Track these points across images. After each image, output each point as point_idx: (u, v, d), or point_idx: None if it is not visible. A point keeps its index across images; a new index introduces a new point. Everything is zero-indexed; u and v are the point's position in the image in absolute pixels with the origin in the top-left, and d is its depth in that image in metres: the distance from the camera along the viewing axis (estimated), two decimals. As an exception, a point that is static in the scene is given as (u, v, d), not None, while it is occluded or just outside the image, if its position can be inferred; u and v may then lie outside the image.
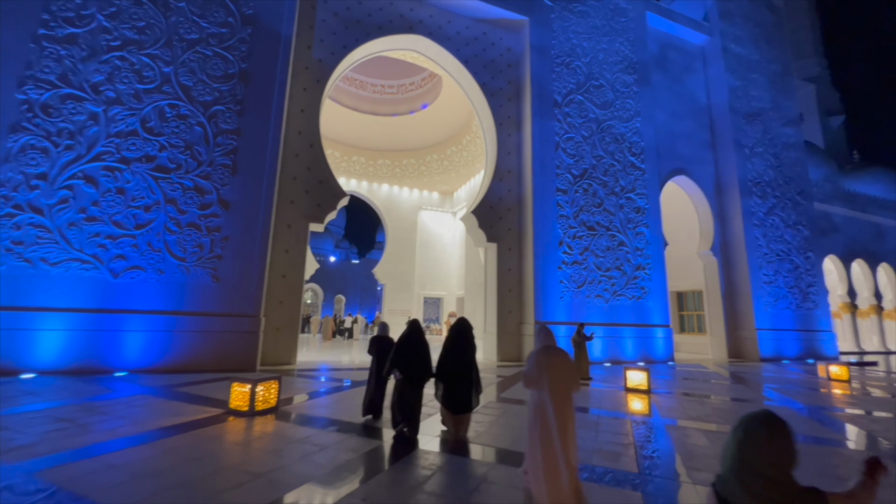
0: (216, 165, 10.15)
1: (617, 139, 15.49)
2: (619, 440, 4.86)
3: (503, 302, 13.47)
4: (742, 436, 1.33)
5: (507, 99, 14.98)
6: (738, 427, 1.37)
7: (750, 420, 1.35)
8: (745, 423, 1.36)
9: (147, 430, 4.66)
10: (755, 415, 1.37)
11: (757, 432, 1.31)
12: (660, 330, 14.59)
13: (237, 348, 9.65)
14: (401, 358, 4.92)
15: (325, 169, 11.94)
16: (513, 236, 14.04)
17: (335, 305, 40.41)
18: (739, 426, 1.37)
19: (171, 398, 6.37)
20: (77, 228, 8.88)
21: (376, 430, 5.03)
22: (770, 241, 17.76)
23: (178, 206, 9.69)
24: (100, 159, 9.23)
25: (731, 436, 1.37)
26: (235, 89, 10.64)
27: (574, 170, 14.45)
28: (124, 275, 9.10)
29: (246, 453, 4.01)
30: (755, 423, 1.33)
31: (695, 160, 18.17)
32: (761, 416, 1.35)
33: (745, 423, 1.36)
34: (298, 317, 11.14)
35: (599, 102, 15.49)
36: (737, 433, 1.36)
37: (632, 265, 14.67)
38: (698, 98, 19.16)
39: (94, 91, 9.42)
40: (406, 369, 4.85)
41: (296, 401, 6.48)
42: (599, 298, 13.93)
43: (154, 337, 9.08)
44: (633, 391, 8.12)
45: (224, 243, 9.93)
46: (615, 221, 14.73)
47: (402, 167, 27.32)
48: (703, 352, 18.28)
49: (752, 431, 1.32)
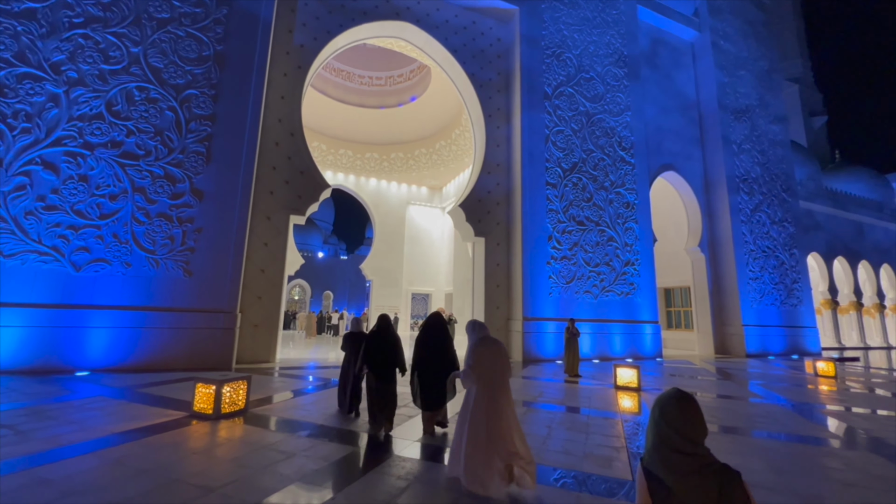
0: (189, 153, 9.59)
1: (607, 133, 15.29)
2: (611, 443, 4.58)
3: (491, 298, 13.18)
4: (657, 413, 1.44)
5: (497, 90, 14.63)
6: (655, 406, 1.48)
7: (664, 399, 1.47)
8: (660, 402, 1.47)
9: (96, 436, 4.21)
10: (668, 393, 1.48)
11: (668, 407, 1.42)
12: (648, 326, 14.49)
13: (211, 346, 9.16)
14: (369, 354, 4.86)
15: (306, 159, 11.44)
16: (501, 231, 13.74)
17: (323, 302, 39.80)
18: (656, 405, 1.47)
19: (131, 400, 5.90)
20: (34, 218, 8.27)
21: (351, 434, 4.66)
22: (756, 238, 17.82)
23: (146, 196, 9.13)
24: (60, 144, 8.61)
25: (650, 415, 1.48)
26: (210, 73, 10.07)
27: (564, 163, 14.19)
28: (87, 268, 8.52)
29: (202, 463, 3.61)
30: (667, 400, 1.45)
31: (683, 156, 18.11)
32: (672, 393, 1.47)
33: (659, 401, 1.47)
34: (278, 313, 10.67)
35: (590, 95, 15.25)
36: (654, 412, 1.47)
37: (621, 261, 14.52)
38: (687, 94, 19.08)
39: (55, 71, 8.77)
40: (374, 365, 4.80)
41: (268, 402, 6.07)
42: (588, 294, 13.74)
43: (120, 334, 8.53)
44: (623, 389, 7.90)
45: (197, 235, 9.40)
46: (605, 216, 14.55)
47: (390, 161, 26.80)
48: (689, 348, 18.32)
49: (665, 408, 1.43)
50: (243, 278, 10.04)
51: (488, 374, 3.22)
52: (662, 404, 1.44)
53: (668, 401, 1.43)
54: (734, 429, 5.43)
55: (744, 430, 5.36)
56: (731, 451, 4.43)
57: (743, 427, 5.54)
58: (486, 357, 3.28)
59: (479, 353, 3.29)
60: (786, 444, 4.87)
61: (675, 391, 1.46)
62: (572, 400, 6.96)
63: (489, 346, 3.34)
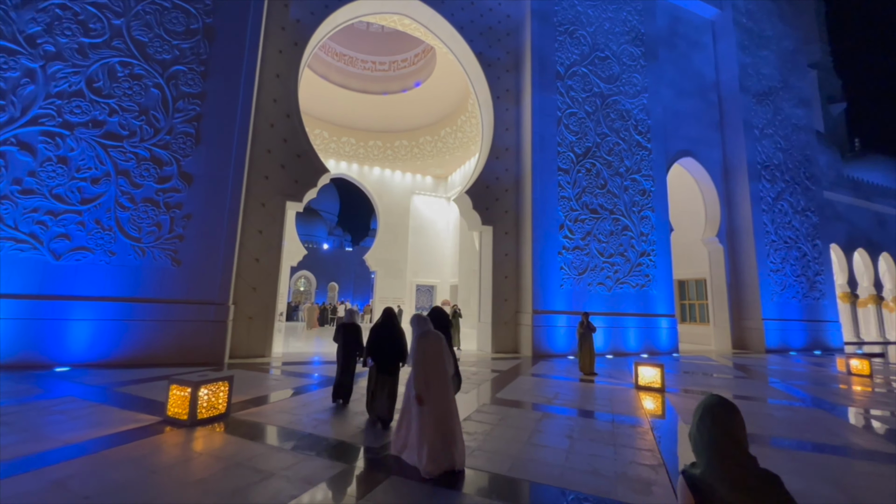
0: (176, 133, 8.94)
1: (622, 116, 14.42)
2: (645, 459, 3.93)
3: (499, 289, 12.51)
4: (710, 422, 1.37)
5: (506, 70, 13.79)
6: (705, 414, 1.39)
7: (713, 405, 1.39)
8: (710, 409, 1.39)
9: (46, 448, 3.64)
10: (714, 399, 1.41)
11: (722, 415, 1.36)
12: (664, 320, 13.77)
13: (201, 339, 8.61)
14: (373, 345, 4.89)
15: (304, 142, 10.76)
16: (510, 219, 13.01)
17: (328, 293, 39.57)
18: (706, 413, 1.39)
19: (104, 401, 5.34)
20: (10, 203, 7.69)
21: (343, 447, 4.05)
22: (778, 228, 16.93)
23: (131, 179, 8.51)
24: (37, 123, 8.00)
25: (698, 422, 1.40)
26: (199, 47, 9.38)
27: (577, 147, 13.38)
28: (68, 256, 7.96)
29: (159, 486, 3.01)
30: (718, 406, 1.38)
31: (702, 141, 17.17)
32: (720, 399, 1.41)
33: (710, 409, 1.39)
34: (274, 304, 10.08)
35: (605, 76, 14.35)
36: (703, 420, 1.39)
37: (636, 251, 13.76)
38: (706, 76, 18.06)
39: (30, 44, 8.12)
40: (378, 357, 4.84)
41: (254, 404, 5.47)
42: (601, 286, 13.02)
43: (104, 327, 7.99)
44: (645, 389, 7.23)
45: (186, 222, 8.80)
46: (619, 204, 13.76)
47: (394, 149, 26.04)
48: (704, 342, 17.57)
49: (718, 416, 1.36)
50: (236, 268, 9.46)
51: (431, 366, 3.56)
52: (713, 411, 1.38)
53: (720, 408, 1.38)
54: (782, 438, 4.76)
55: (793, 441, 4.69)
56: (790, 468, 3.75)
57: (791, 436, 4.86)
58: (429, 350, 3.62)
59: (421, 346, 3.63)
60: (847, 459, 4.19)
61: (720, 398, 1.42)
62: (592, 403, 6.31)
63: (430, 340, 3.70)
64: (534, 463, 3.70)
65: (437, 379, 3.51)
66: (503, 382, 7.66)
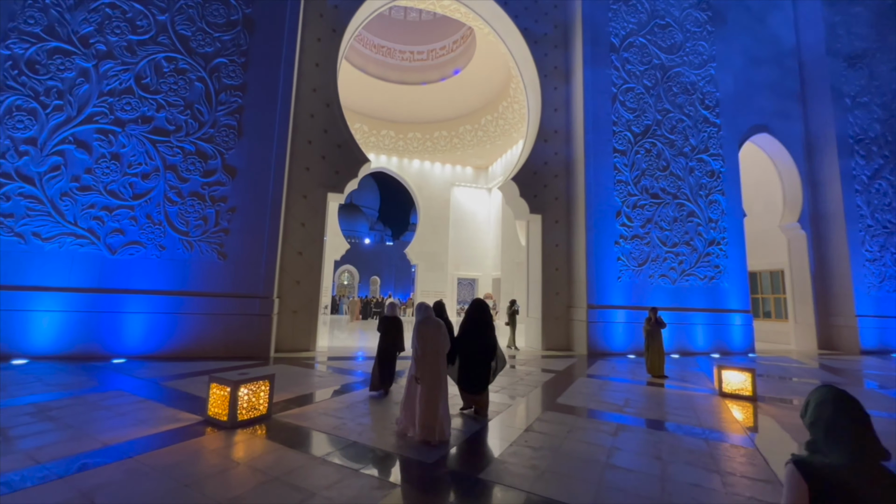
0: (219, 126, 8.90)
1: (686, 89, 12.95)
2: (765, 494, 3.11)
3: (549, 282, 11.66)
4: (858, 414, 1.25)
5: (553, 46, 12.77)
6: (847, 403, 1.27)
7: (846, 397, 1.28)
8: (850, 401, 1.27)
9: (84, 450, 3.43)
10: (831, 389, 1.32)
11: (846, 402, 1.27)
12: (738, 316, 12.30)
13: (247, 333, 8.56)
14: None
15: (344, 131, 10.46)
16: (560, 206, 12.08)
17: (371, 287, 40.37)
18: (849, 403, 1.27)
19: (151, 396, 5.23)
20: (70, 199, 7.94)
21: (392, 459, 3.56)
22: (875, 211, 14.65)
23: (178, 174, 8.56)
24: (92, 121, 8.19)
25: (843, 414, 1.26)
26: (239, 39, 9.27)
27: (634, 126, 12.16)
28: (122, 251, 8.13)
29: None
30: (839, 395, 1.29)
31: (779, 114, 15.17)
32: (836, 389, 1.32)
33: (848, 399, 1.28)
34: (318, 298, 9.91)
35: (665, 45, 12.93)
36: (849, 412, 1.26)
37: (704, 240, 12.35)
38: (783, 40, 15.91)
39: (84, 44, 8.32)
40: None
41: (298, 404, 5.15)
42: (664, 279, 11.80)
43: (156, 320, 8.11)
44: (732, 397, 6.22)
45: (231, 215, 8.75)
46: (684, 188, 12.38)
47: (433, 140, 25.54)
48: (782, 341, 15.69)
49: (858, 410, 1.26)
50: (280, 261, 9.35)
51: (430, 348, 4.05)
52: (853, 404, 1.26)
53: (842, 395, 1.28)
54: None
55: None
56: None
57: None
58: (427, 335, 4.10)
59: (421, 332, 4.11)
60: None
61: (834, 388, 1.32)
62: (672, 413, 5.45)
63: (430, 326, 4.16)
64: (622, 493, 3.01)
65: (432, 361, 4.02)
66: (561, 385, 6.92)
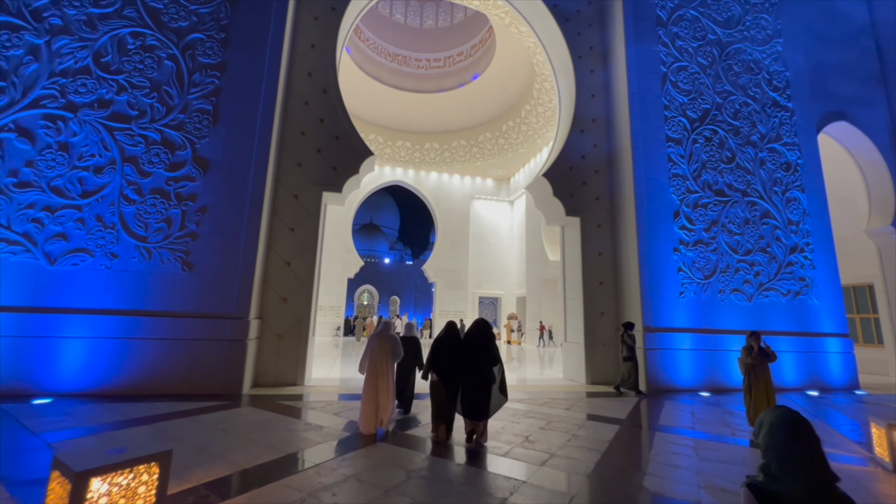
0: (191, 112, 7.43)
1: (750, 68, 10.88)
2: None
3: (592, 300, 9.51)
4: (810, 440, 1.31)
5: (588, 24, 11.02)
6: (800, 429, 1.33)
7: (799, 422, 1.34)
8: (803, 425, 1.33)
9: None
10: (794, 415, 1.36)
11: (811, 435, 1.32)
12: (834, 341, 9.74)
13: (216, 363, 6.78)
14: (436, 361, 4.82)
15: (343, 121, 8.87)
16: (602, 208, 10.03)
17: (390, 307, 38.99)
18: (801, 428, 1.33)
19: (32, 473, 3.42)
20: (5, 197, 6.50)
21: None
22: None
23: (139, 167, 7.06)
24: (38, 105, 6.84)
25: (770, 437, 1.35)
26: (219, 11, 7.91)
27: (690, 111, 10.12)
28: (64, 260, 6.58)
29: None
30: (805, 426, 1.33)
31: (857, 100, 12.80)
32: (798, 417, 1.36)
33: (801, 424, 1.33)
34: (309, 318, 8.10)
35: (722, 19, 10.99)
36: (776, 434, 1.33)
37: (783, 246, 10.00)
38: (855, 17, 13.69)
39: (36, 18, 7.08)
40: (442, 372, 4.73)
41: (228, 492, 3.23)
42: (737, 294, 9.46)
43: (100, 346, 6.44)
44: (920, 477, 3.95)
45: (199, 216, 7.15)
46: (755, 183, 10.15)
47: (451, 150, 24.06)
48: (877, 370, 12.77)
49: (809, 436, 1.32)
50: (263, 274, 7.65)
51: (376, 356, 4.98)
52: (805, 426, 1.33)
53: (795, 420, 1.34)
54: None
55: None
56: None
57: None
58: (377, 343, 5.06)
59: (372, 341, 5.12)
60: None
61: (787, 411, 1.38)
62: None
63: (379, 337, 5.16)
64: None
65: (374, 365, 4.93)
66: (631, 449, 4.74)
